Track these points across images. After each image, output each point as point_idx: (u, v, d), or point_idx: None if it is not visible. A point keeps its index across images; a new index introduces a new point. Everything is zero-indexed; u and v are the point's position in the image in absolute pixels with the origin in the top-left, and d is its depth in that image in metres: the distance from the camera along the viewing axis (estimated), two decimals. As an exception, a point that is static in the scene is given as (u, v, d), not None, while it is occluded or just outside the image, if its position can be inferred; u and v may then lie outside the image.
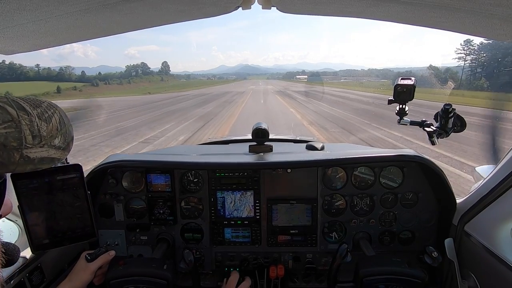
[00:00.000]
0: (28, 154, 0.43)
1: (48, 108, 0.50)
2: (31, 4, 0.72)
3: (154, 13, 0.98)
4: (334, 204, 1.63)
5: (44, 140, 0.46)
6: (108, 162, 1.54)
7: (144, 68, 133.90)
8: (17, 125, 0.42)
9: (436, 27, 1.02)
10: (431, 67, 49.75)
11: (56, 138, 0.48)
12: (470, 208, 1.37)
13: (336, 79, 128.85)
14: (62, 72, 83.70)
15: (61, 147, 0.49)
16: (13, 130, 0.41)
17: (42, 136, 0.45)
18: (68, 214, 1.10)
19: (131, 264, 1.31)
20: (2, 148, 0.40)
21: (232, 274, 1.49)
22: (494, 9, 0.71)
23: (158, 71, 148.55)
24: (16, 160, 0.41)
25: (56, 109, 0.52)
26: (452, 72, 40.86)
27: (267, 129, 1.65)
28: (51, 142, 0.47)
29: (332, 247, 1.64)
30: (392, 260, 1.28)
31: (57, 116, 0.51)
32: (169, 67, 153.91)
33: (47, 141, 0.46)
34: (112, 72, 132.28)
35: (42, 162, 0.46)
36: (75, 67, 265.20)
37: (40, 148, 0.45)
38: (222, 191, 1.62)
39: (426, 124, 1.40)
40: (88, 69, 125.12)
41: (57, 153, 0.48)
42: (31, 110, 0.46)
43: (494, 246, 1.23)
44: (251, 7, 1.01)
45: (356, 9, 0.96)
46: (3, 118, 0.41)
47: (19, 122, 0.42)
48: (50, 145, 0.47)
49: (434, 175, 1.49)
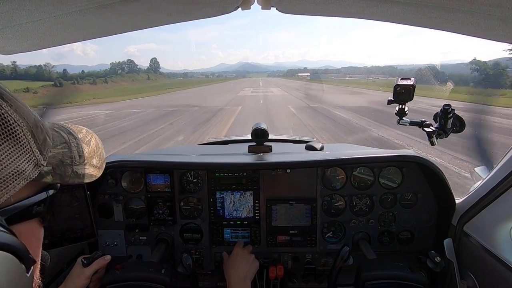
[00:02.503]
0: (77, 170, 0.52)
1: (87, 133, 0.60)
2: (30, 4, 0.71)
3: (153, 14, 0.98)
4: (334, 204, 1.63)
5: (86, 160, 0.55)
6: (108, 162, 1.54)
7: (130, 65, 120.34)
8: (69, 146, 0.52)
9: (435, 27, 1.02)
10: (475, 62, 38.55)
11: (94, 159, 0.58)
12: (469, 209, 1.37)
13: (341, 76, 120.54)
14: (41, 70, 75.08)
15: (97, 166, 0.59)
16: (67, 150, 0.51)
17: (85, 156, 0.55)
18: (68, 215, 1.10)
19: (128, 268, 1.29)
20: (60, 164, 0.49)
21: (238, 242, 1.59)
22: (493, 10, 0.72)
23: (146, 68, 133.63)
24: (69, 173, 0.50)
25: (93, 135, 0.62)
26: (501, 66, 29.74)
27: (266, 129, 1.65)
28: (91, 161, 0.56)
29: (331, 248, 1.65)
30: (394, 264, 1.27)
31: (94, 141, 0.60)
32: (158, 64, 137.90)
33: (88, 161, 0.56)
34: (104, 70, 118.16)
35: (86, 177, 0.55)
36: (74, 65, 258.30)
37: (84, 166, 0.54)
38: (222, 191, 1.62)
39: (426, 124, 1.40)
40: (87, 68, 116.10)
41: (95, 171, 0.57)
42: (76, 135, 0.56)
43: (493, 246, 1.23)
44: (250, 7, 1.01)
45: (355, 10, 0.96)
46: (60, 140, 0.51)
47: (70, 144, 0.53)
48: (90, 164, 0.56)
49: (433, 175, 1.49)
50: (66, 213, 1.09)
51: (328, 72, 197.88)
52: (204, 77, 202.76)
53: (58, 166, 0.48)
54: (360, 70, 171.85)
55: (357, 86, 52.57)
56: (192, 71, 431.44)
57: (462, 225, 1.41)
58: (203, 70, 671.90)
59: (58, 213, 1.08)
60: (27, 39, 0.98)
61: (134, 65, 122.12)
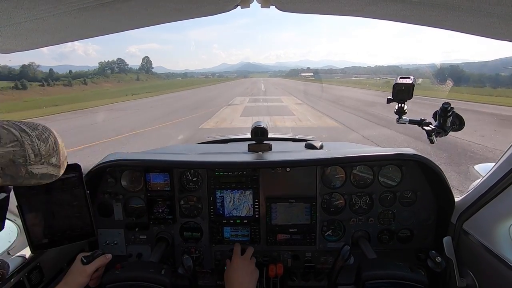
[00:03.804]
0: (32, 170, 0.49)
1: (44, 130, 0.56)
2: (28, 2, 0.71)
3: (152, 12, 0.98)
4: (333, 202, 1.63)
5: (43, 158, 0.52)
6: (107, 161, 1.54)
7: (121, 64, 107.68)
8: (21, 144, 0.49)
9: (435, 26, 1.02)
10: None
11: (53, 157, 0.55)
12: (468, 207, 1.37)
13: (347, 76, 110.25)
14: (25, 70, 65.59)
15: (57, 165, 0.56)
16: (18, 148, 0.48)
17: (42, 154, 0.52)
18: (67, 214, 1.10)
19: (128, 268, 1.28)
20: (12, 164, 0.46)
21: (235, 246, 1.54)
22: (493, 8, 0.71)
23: (138, 68, 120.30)
24: (23, 174, 0.48)
25: (51, 132, 0.58)
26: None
27: (266, 128, 1.65)
28: (49, 160, 0.53)
29: (331, 246, 1.65)
30: (394, 263, 1.28)
31: (52, 138, 0.57)
32: (151, 63, 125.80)
33: (46, 159, 0.53)
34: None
35: (43, 178, 0.52)
36: (77, 65, 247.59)
37: (41, 165, 0.51)
38: (221, 190, 1.62)
39: (425, 123, 1.40)
40: (88, 68, 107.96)
41: (54, 170, 0.54)
42: (31, 132, 0.52)
43: (492, 244, 1.23)
44: (249, 5, 1.01)
45: (355, 8, 0.96)
46: (10, 138, 0.48)
47: (23, 142, 0.49)
48: (48, 163, 0.53)
49: (432, 173, 1.50)
50: (65, 212, 1.09)
51: (332, 72, 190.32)
52: (204, 77, 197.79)
53: (8, 166, 0.45)
54: (364, 70, 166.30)
55: (372, 87, 42.78)
56: (193, 71, 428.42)
57: (462, 223, 1.41)
58: (205, 70, 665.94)
59: (58, 212, 1.08)
60: (25, 37, 0.97)
61: (124, 65, 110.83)
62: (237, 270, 1.41)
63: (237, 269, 1.41)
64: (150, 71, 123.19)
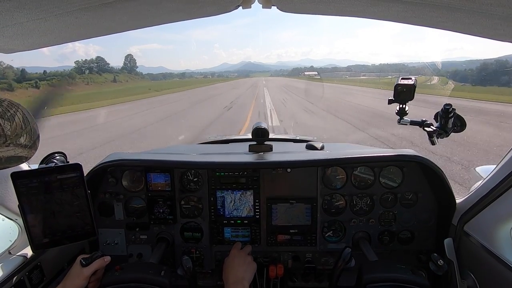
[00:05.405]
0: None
1: (10, 107, 0.48)
2: (31, 2, 0.71)
3: (154, 12, 0.98)
4: (334, 203, 1.63)
5: (9, 140, 0.45)
6: (108, 161, 1.54)
7: (100, 63, 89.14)
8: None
9: (436, 26, 1.02)
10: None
11: (22, 137, 0.47)
12: (469, 208, 1.36)
13: (355, 75, 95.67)
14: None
15: (27, 146, 0.48)
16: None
17: (7, 135, 0.44)
18: (68, 213, 1.10)
19: (127, 270, 1.27)
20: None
21: (236, 243, 1.55)
22: (494, 9, 0.71)
23: (121, 67, 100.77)
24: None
25: (18, 108, 0.50)
26: None
27: (267, 128, 1.65)
28: (16, 141, 0.46)
29: (331, 247, 1.65)
30: (396, 266, 1.27)
31: (20, 115, 0.49)
32: (135, 62, 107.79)
33: (13, 140, 0.45)
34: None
35: (10, 161, 0.44)
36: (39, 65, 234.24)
37: (6, 148, 0.44)
38: (222, 190, 1.62)
39: (426, 124, 1.40)
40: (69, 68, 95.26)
41: (24, 151, 0.47)
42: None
43: (493, 246, 1.23)
44: (251, 6, 1.01)
45: (356, 9, 0.96)
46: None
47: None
48: (16, 144, 0.46)
49: (433, 175, 1.49)
50: (66, 212, 1.10)
51: (336, 71, 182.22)
52: (202, 77, 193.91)
53: None
54: (369, 69, 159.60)
55: (386, 87, 29.53)
56: (194, 71, 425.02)
57: (463, 224, 1.41)
58: (206, 70, 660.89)
59: (59, 212, 1.08)
60: (27, 37, 0.98)
61: (105, 64, 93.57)
62: (234, 258, 1.45)
63: (233, 258, 1.45)
64: (134, 70, 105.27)
